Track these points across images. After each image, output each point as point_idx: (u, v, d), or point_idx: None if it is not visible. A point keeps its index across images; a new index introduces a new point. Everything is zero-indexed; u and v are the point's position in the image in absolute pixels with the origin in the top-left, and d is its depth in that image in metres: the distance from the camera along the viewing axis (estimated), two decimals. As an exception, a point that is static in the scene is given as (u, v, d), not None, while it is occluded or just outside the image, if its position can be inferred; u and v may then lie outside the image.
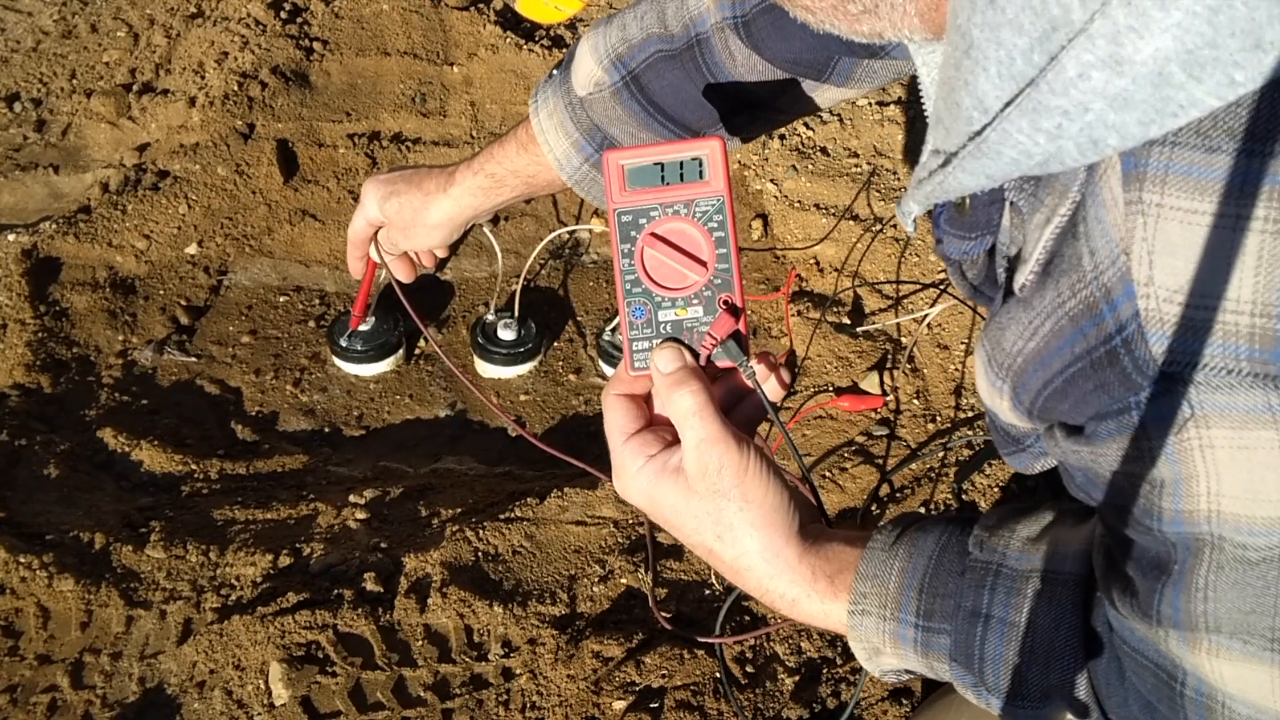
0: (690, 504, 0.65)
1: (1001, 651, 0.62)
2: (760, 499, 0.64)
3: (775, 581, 0.66)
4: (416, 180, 1.14)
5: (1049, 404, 0.52)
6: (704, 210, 0.67)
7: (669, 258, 0.67)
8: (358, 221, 1.20)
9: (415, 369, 1.53)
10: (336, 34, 1.85)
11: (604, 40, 0.95)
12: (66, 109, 1.81)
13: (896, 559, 0.67)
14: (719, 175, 0.67)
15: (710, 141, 0.67)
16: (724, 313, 0.67)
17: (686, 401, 0.63)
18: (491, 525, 1.25)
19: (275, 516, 1.29)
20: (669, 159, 0.67)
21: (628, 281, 0.68)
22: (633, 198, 0.67)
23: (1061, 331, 0.48)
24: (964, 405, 1.40)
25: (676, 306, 0.67)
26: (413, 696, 1.11)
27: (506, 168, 1.07)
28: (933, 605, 0.65)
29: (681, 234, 0.67)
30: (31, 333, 1.47)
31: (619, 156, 0.68)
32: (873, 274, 1.58)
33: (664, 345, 0.66)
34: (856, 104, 1.76)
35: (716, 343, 0.66)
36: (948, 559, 0.66)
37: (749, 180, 1.72)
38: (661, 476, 0.65)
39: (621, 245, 0.68)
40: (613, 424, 0.67)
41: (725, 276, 0.67)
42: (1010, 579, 0.63)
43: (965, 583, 0.64)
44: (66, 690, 1.10)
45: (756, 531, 0.64)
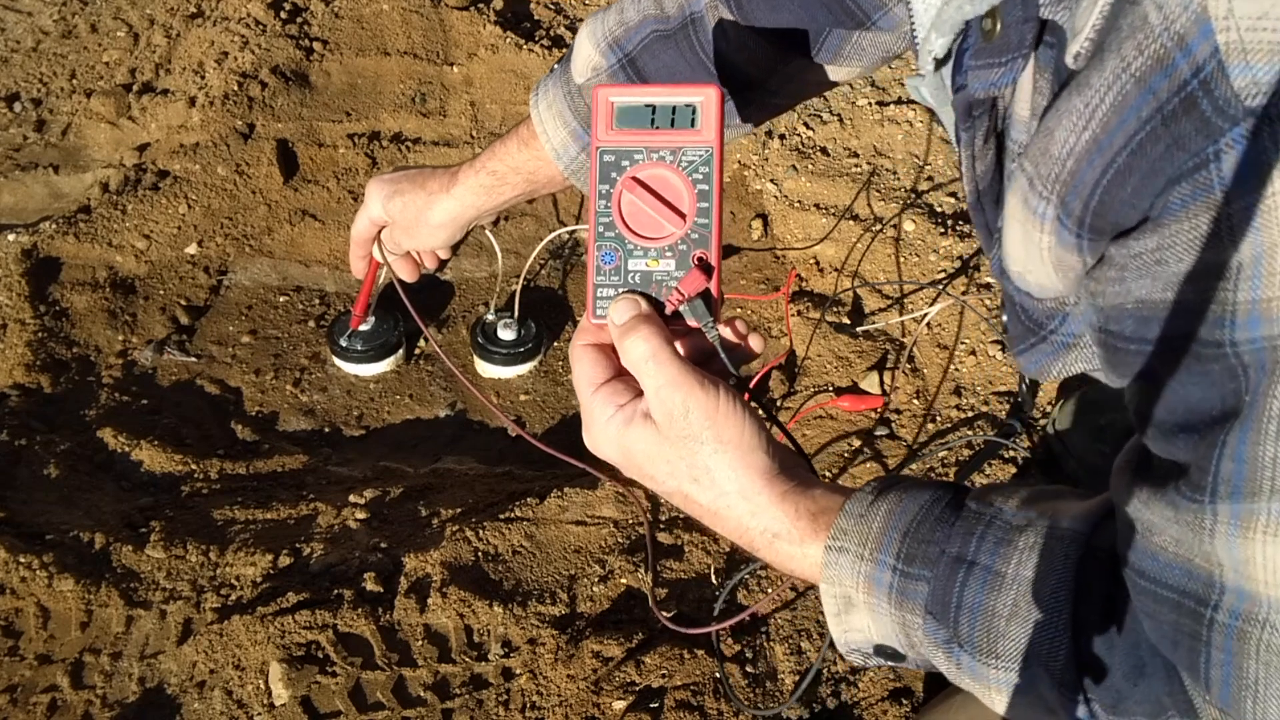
0: (662, 449, 0.62)
1: (981, 601, 0.58)
2: (735, 439, 0.61)
3: (755, 519, 0.63)
4: (420, 180, 1.14)
5: (1107, 198, 0.46)
6: (690, 160, 0.64)
7: (647, 204, 0.64)
8: (361, 221, 1.20)
9: (415, 369, 1.54)
10: (336, 34, 1.85)
11: (602, 25, 0.96)
12: (66, 109, 1.81)
13: (885, 501, 0.63)
14: (711, 125, 0.64)
15: (707, 88, 0.63)
16: (695, 269, 0.63)
17: (640, 347, 0.61)
18: (491, 525, 1.25)
19: (275, 516, 1.29)
20: (661, 101, 0.64)
21: (601, 224, 0.65)
22: (618, 137, 0.64)
23: (1126, 99, 0.44)
24: (964, 405, 1.40)
25: (649, 257, 0.64)
26: (413, 696, 1.11)
27: (508, 165, 1.07)
28: (915, 550, 0.61)
29: (663, 181, 0.64)
30: (31, 333, 1.47)
31: (610, 92, 0.65)
32: (873, 274, 1.58)
33: (621, 297, 0.64)
34: (856, 104, 1.76)
35: (684, 299, 0.63)
36: (940, 509, 0.62)
37: (749, 180, 1.72)
38: (631, 424, 0.62)
39: (600, 185, 0.65)
40: (581, 375, 0.65)
41: (703, 232, 0.64)
42: (1003, 529, 0.60)
43: (954, 530, 0.61)
44: (66, 690, 1.10)
45: (734, 472, 0.62)
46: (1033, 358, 0.61)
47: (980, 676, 0.59)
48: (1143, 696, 0.53)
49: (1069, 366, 0.60)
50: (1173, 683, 0.52)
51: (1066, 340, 0.58)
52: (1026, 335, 0.60)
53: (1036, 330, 0.59)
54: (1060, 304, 0.56)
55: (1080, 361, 0.59)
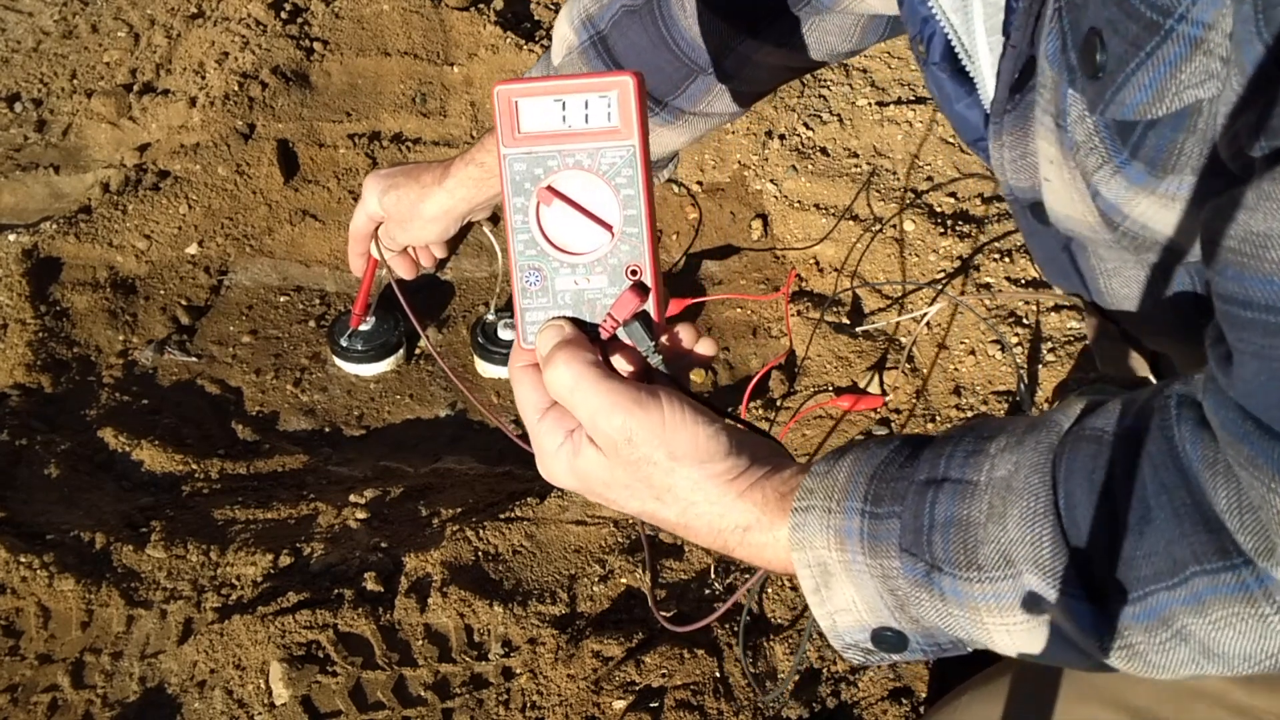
0: (616, 474, 0.57)
1: (953, 512, 0.53)
2: (689, 449, 0.56)
3: (725, 519, 0.58)
4: (415, 174, 1.14)
5: None
6: (611, 162, 0.56)
7: (569, 217, 0.57)
8: (358, 217, 1.21)
9: (415, 369, 1.54)
10: (337, 34, 1.85)
11: (579, 4, 0.97)
12: (67, 109, 1.82)
13: (851, 452, 0.59)
14: (631, 120, 0.55)
15: (622, 76, 0.55)
16: (628, 290, 0.57)
17: (562, 378, 0.55)
18: (491, 525, 1.25)
19: (275, 516, 1.29)
20: (572, 96, 0.55)
21: (520, 241, 0.58)
22: (528, 142, 0.56)
23: None
24: (963, 405, 1.40)
25: (576, 274, 0.58)
26: (413, 696, 1.11)
27: (495, 156, 1.08)
28: (883, 490, 0.56)
29: (583, 189, 0.57)
30: (32, 333, 1.47)
31: (512, 90, 0.56)
32: (872, 274, 1.58)
33: (546, 325, 0.58)
34: (856, 104, 1.76)
35: (618, 324, 0.57)
36: (910, 449, 0.57)
37: (749, 180, 1.72)
38: (581, 452, 0.58)
39: (514, 199, 0.57)
40: (523, 400, 0.59)
41: (634, 242, 0.57)
42: (973, 441, 0.55)
43: (922, 459, 0.56)
44: (67, 690, 1.10)
45: (696, 484, 0.57)
46: (1144, 78, 0.50)
47: (966, 601, 0.53)
48: (1150, 550, 0.48)
49: (1183, 88, 0.49)
50: (1184, 523, 0.47)
51: (1195, 32, 0.47)
52: (1141, 42, 0.49)
53: (1159, 23, 0.48)
54: None
55: (1195, 84, 0.48)
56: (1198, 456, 0.47)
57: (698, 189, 1.74)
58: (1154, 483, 0.48)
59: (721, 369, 1.54)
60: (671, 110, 0.99)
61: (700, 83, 0.96)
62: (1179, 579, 0.47)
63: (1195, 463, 0.47)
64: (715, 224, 1.71)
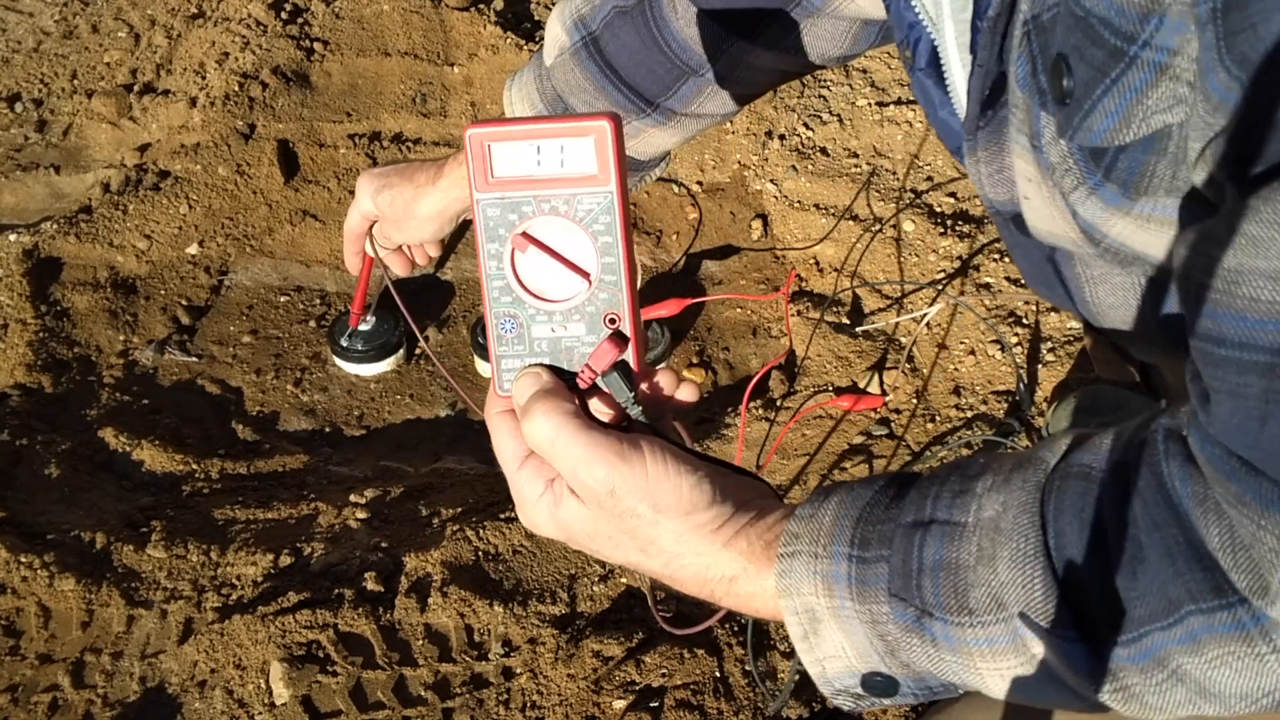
0: (599, 526, 0.56)
1: (941, 555, 0.52)
2: (674, 501, 0.54)
3: (711, 569, 0.57)
4: (408, 173, 1.15)
5: None
6: (588, 209, 0.55)
7: (544, 264, 0.55)
8: (352, 216, 1.21)
9: (416, 369, 1.54)
10: (337, 34, 1.85)
11: (570, 4, 0.97)
12: (68, 109, 1.82)
13: (836, 494, 0.58)
14: (609, 165, 0.54)
15: (598, 121, 0.53)
16: (607, 340, 0.56)
17: (542, 430, 0.54)
18: (492, 525, 1.25)
19: (276, 516, 1.29)
20: (547, 140, 0.54)
21: (494, 288, 0.56)
22: (502, 187, 0.55)
23: None
24: (963, 405, 1.40)
25: (553, 321, 0.56)
26: (413, 696, 1.11)
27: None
28: (870, 533, 0.55)
29: (559, 236, 0.55)
30: (33, 333, 1.47)
31: (485, 134, 0.54)
32: (872, 274, 1.58)
33: (523, 373, 0.57)
34: (856, 104, 1.76)
35: (596, 375, 0.56)
36: (895, 490, 0.56)
37: (749, 180, 1.72)
38: (562, 503, 0.56)
39: (488, 245, 0.56)
40: (502, 448, 0.58)
41: (612, 290, 0.56)
42: (959, 481, 0.54)
43: (909, 500, 0.55)
44: (67, 689, 1.10)
45: (681, 536, 0.56)
46: (1110, 106, 0.50)
47: (959, 646, 0.52)
48: (1144, 590, 0.47)
49: (1149, 115, 0.49)
50: (1177, 561, 0.46)
51: (1160, 58, 0.47)
52: (1106, 70, 0.49)
53: (1122, 51, 0.48)
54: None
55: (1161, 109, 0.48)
56: (1187, 493, 0.47)
57: (698, 189, 1.74)
58: (1145, 520, 0.48)
59: (721, 369, 1.54)
60: (663, 111, 0.99)
61: (692, 84, 0.96)
62: (1174, 619, 0.47)
63: (1185, 500, 0.47)
64: (715, 224, 1.71)
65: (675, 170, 1.75)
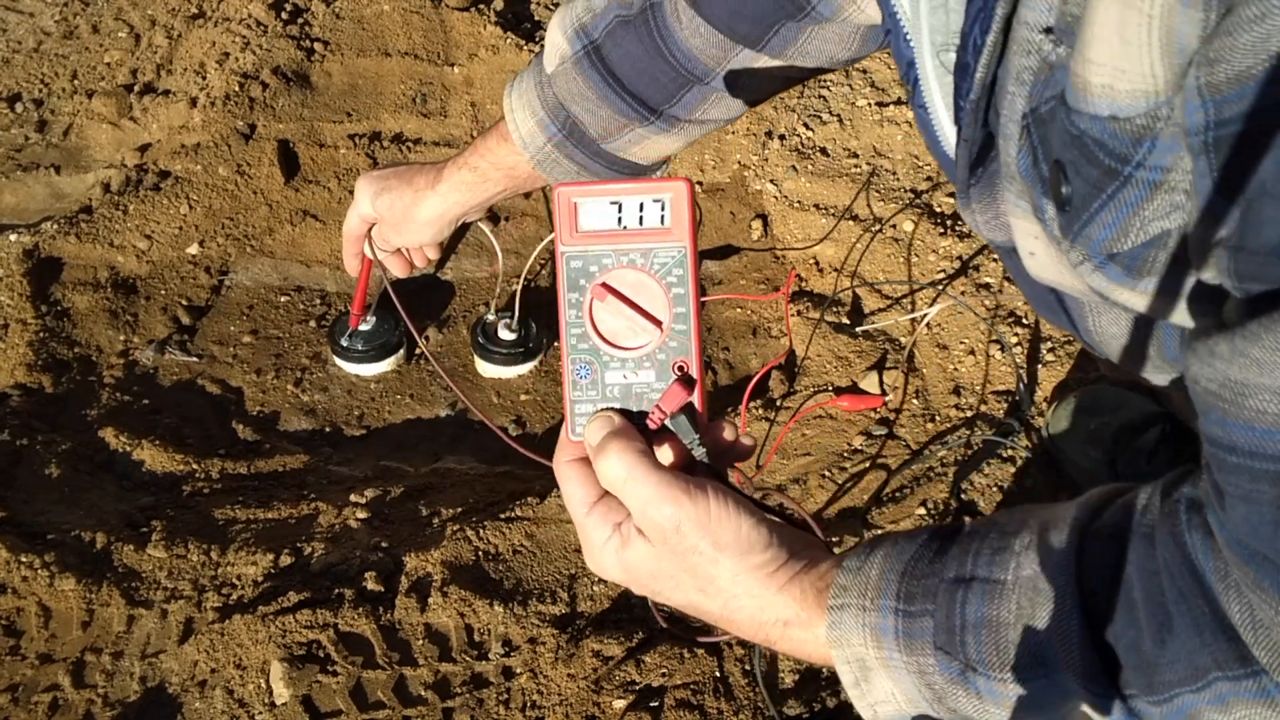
0: (662, 564, 0.59)
1: (983, 613, 0.55)
2: (733, 541, 0.58)
3: (766, 612, 0.60)
4: (407, 177, 1.15)
5: None
6: (663, 262, 0.60)
7: (620, 313, 0.60)
8: (351, 218, 1.21)
9: (416, 369, 1.54)
10: (337, 34, 1.85)
11: (571, 13, 0.96)
12: (68, 109, 1.82)
13: (881, 548, 0.61)
14: (683, 222, 0.59)
15: (676, 183, 0.59)
16: (676, 383, 0.60)
17: (615, 469, 0.57)
18: (492, 525, 1.25)
19: (276, 516, 1.29)
20: (628, 198, 0.59)
21: (573, 335, 0.61)
22: (584, 241, 0.60)
23: None
24: (963, 405, 1.40)
25: (626, 368, 0.61)
26: (413, 695, 1.11)
27: (489, 160, 1.08)
28: (915, 587, 0.58)
29: (636, 287, 0.60)
30: (33, 333, 1.47)
31: (572, 192, 0.60)
32: (872, 274, 1.58)
33: (596, 415, 0.60)
34: (856, 104, 1.76)
35: (665, 416, 0.60)
36: (937, 544, 0.59)
37: (749, 180, 1.72)
38: (629, 544, 0.59)
39: (569, 294, 0.60)
40: (571, 495, 0.61)
41: (682, 339, 0.60)
42: (999, 538, 0.57)
43: (950, 556, 0.58)
44: (68, 689, 1.10)
45: (738, 575, 0.59)
46: (1108, 218, 0.52)
47: (1002, 699, 0.55)
48: (1174, 658, 0.49)
49: (1147, 224, 0.51)
50: (1203, 632, 0.48)
51: (1153, 177, 0.49)
52: (1102, 185, 0.51)
53: (1118, 170, 0.50)
54: (1151, 120, 0.48)
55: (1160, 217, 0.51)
56: (1209, 568, 0.49)
57: (698, 189, 1.74)
58: (1172, 590, 0.50)
59: (721, 369, 1.54)
60: (667, 119, 0.98)
61: (696, 91, 0.96)
62: (1203, 683, 0.48)
63: (1208, 574, 0.49)
64: (715, 224, 1.71)
65: (675, 170, 1.75)
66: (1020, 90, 0.55)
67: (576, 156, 1.02)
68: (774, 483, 1.34)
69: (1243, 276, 0.44)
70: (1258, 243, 0.43)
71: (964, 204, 0.67)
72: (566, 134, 1.01)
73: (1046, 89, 0.54)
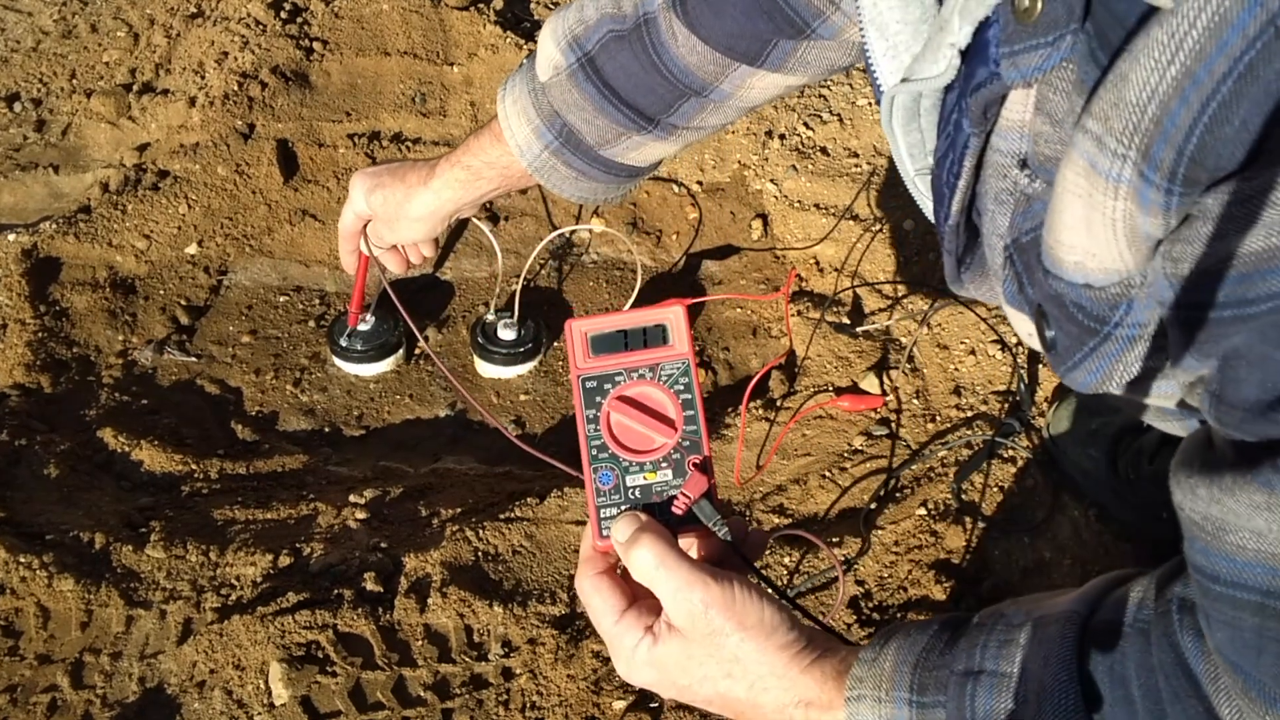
0: (691, 651, 0.63)
1: (991, 706, 0.58)
2: (756, 622, 0.62)
3: (789, 692, 0.63)
4: (400, 174, 1.15)
5: (1208, 138, 0.40)
6: (669, 373, 0.68)
7: (636, 421, 0.67)
8: (346, 215, 1.21)
9: (415, 369, 1.54)
10: (336, 34, 1.85)
11: (563, 23, 0.96)
12: (66, 109, 1.81)
13: (894, 640, 0.64)
14: (683, 339, 0.68)
15: (672, 308, 0.68)
16: (695, 473, 0.66)
17: (646, 558, 0.61)
18: (491, 525, 1.25)
19: (275, 516, 1.29)
20: (632, 326, 0.68)
21: (594, 447, 0.67)
22: (597, 363, 0.68)
23: (1225, 18, 0.38)
24: (963, 405, 1.40)
25: (645, 470, 0.67)
26: (413, 696, 1.11)
27: (482, 160, 1.08)
28: (927, 679, 0.61)
29: (648, 397, 0.68)
30: (31, 333, 1.47)
31: (582, 325, 0.69)
32: (873, 274, 1.58)
33: (621, 515, 0.65)
34: (856, 104, 1.76)
35: (691, 502, 0.65)
36: (948, 635, 0.63)
37: (749, 180, 1.72)
38: (660, 641, 0.63)
39: (586, 411, 0.68)
40: (599, 608, 0.65)
41: (694, 438, 0.67)
42: (1004, 631, 0.60)
43: (959, 648, 0.61)
44: (66, 690, 1.10)
45: (762, 654, 0.62)
46: (1092, 366, 0.56)
47: None
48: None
49: (1130, 368, 0.54)
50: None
51: (1132, 333, 0.52)
52: (1084, 339, 0.55)
53: (1097, 328, 0.53)
54: (1125, 288, 0.50)
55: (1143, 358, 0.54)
56: (1200, 670, 0.51)
57: (698, 189, 1.74)
58: (1168, 689, 0.52)
59: (721, 369, 1.54)
60: (664, 127, 0.98)
61: (694, 103, 0.95)
62: None
63: (1200, 676, 0.51)
64: (715, 224, 1.71)
65: (675, 170, 1.75)
66: (1000, 210, 0.58)
67: (574, 163, 1.02)
68: (774, 483, 1.34)
69: (1223, 424, 0.47)
70: (1236, 397, 0.45)
71: (957, 287, 0.70)
72: (563, 141, 1.00)
73: (1026, 220, 0.56)
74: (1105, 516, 1.26)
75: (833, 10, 0.83)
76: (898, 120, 0.62)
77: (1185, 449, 0.52)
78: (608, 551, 0.66)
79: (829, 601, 1.18)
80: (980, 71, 0.52)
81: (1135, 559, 1.23)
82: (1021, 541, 1.24)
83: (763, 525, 1.28)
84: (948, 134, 0.58)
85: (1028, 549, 1.24)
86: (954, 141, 0.58)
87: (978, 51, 0.53)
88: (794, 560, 1.22)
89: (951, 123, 0.58)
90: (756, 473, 1.35)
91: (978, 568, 1.22)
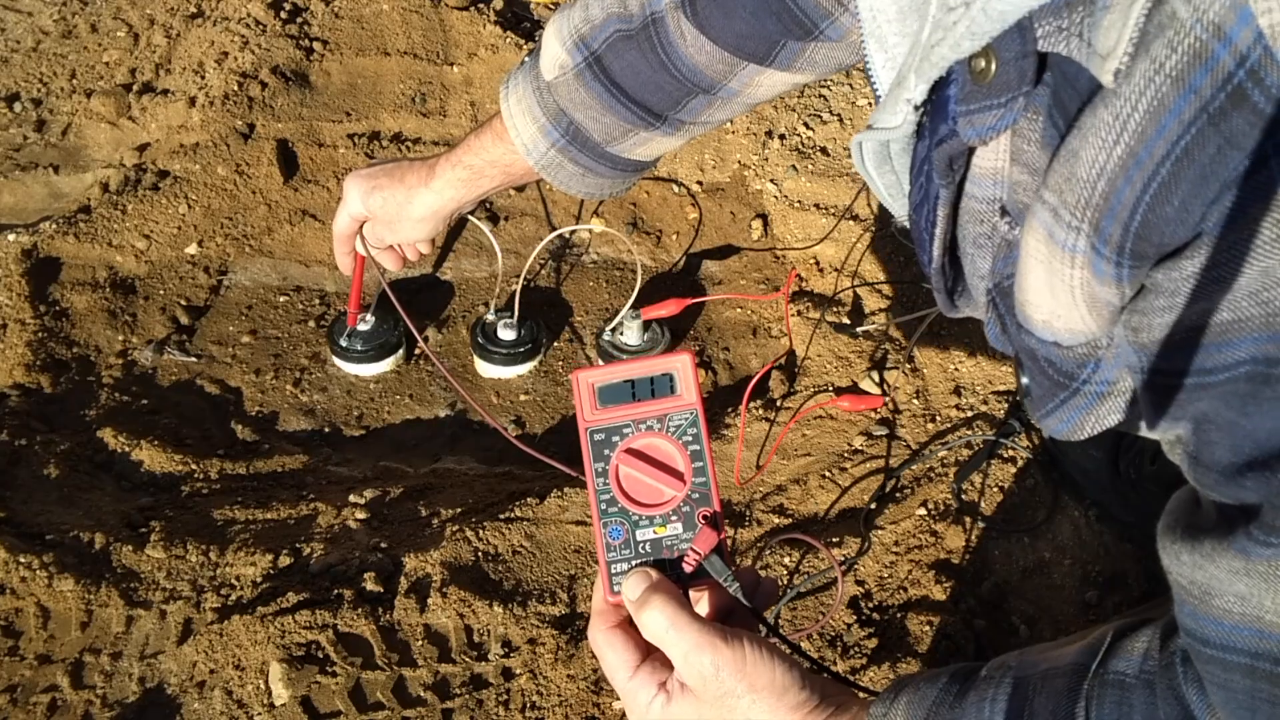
0: (704, 713, 0.63)
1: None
2: (768, 683, 0.62)
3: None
4: (398, 174, 1.14)
5: (1151, 216, 0.41)
6: (678, 424, 0.66)
7: (645, 474, 0.66)
8: (341, 217, 1.21)
9: (415, 369, 1.54)
10: (336, 34, 1.85)
11: (568, 22, 0.96)
12: (66, 109, 1.81)
13: (904, 694, 0.65)
14: (690, 388, 0.66)
15: (680, 357, 0.66)
16: (705, 527, 0.65)
17: (658, 619, 0.61)
18: (491, 525, 1.25)
19: (275, 516, 1.29)
20: (639, 376, 0.67)
21: (603, 501, 0.66)
22: (605, 415, 0.66)
23: (1162, 103, 0.39)
24: (964, 405, 1.40)
25: (655, 524, 0.66)
26: (413, 696, 1.11)
27: (484, 158, 1.08)
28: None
29: (656, 449, 0.66)
30: (32, 333, 1.47)
31: (589, 376, 0.67)
32: (873, 274, 1.58)
33: (633, 572, 0.64)
34: (856, 104, 1.76)
35: (701, 558, 0.65)
36: (957, 688, 0.63)
37: (749, 180, 1.72)
38: (673, 699, 0.63)
39: (595, 464, 0.66)
40: (613, 663, 0.65)
41: (703, 490, 0.66)
42: (1011, 685, 0.61)
43: (969, 702, 0.62)
44: (66, 690, 1.10)
45: (776, 716, 0.62)
46: (1064, 416, 0.57)
47: None
48: None
49: (1102, 420, 0.56)
50: None
51: (1101, 389, 0.55)
52: (1055, 391, 0.57)
53: (1066, 384, 0.56)
54: (1092, 348, 0.53)
55: (1114, 413, 0.56)
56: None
57: (698, 189, 1.74)
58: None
59: (721, 369, 1.54)
60: (671, 123, 0.98)
61: (701, 99, 0.96)
62: None
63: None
64: (715, 224, 1.71)
65: (675, 170, 1.75)
66: (980, 254, 0.59)
67: (581, 160, 1.02)
68: (774, 483, 1.34)
69: (1202, 485, 0.48)
70: (1210, 459, 0.46)
71: (951, 312, 0.71)
72: (570, 139, 1.00)
73: (1007, 265, 0.57)
74: (1106, 516, 1.26)
75: (841, 12, 0.84)
76: (870, 163, 0.64)
77: (1171, 510, 0.53)
78: (620, 605, 0.66)
79: (829, 601, 1.19)
80: (942, 127, 0.54)
81: (1135, 559, 1.23)
82: (1021, 541, 1.24)
83: (763, 525, 1.28)
84: (920, 184, 0.60)
85: (1028, 549, 1.24)
86: (927, 192, 0.59)
87: (940, 107, 0.54)
88: (794, 560, 1.22)
89: (924, 173, 0.59)
90: (756, 473, 1.35)
91: (978, 568, 1.22)
